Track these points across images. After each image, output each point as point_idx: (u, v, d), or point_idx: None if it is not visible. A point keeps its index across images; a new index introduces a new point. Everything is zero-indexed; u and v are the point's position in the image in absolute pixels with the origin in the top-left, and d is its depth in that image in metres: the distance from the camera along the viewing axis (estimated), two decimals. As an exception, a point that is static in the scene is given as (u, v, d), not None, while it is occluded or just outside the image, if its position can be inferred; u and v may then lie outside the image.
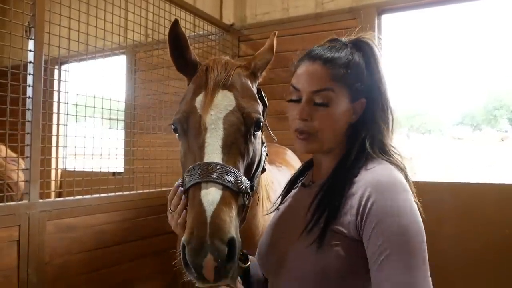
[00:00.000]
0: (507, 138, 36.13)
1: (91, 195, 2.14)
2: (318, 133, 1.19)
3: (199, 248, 0.99)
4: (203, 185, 1.10)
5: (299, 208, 1.26)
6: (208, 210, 1.05)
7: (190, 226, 1.04)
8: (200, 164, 1.14)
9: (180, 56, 1.37)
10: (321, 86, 1.18)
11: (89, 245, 2.10)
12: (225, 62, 1.38)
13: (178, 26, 1.32)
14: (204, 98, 1.27)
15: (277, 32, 1.59)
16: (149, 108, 3.04)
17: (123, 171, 3.07)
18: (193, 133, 1.23)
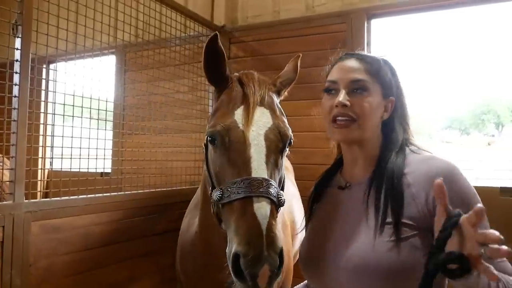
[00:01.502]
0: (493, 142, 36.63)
1: (78, 195, 2.12)
2: (358, 120, 1.29)
3: (258, 259, 1.05)
4: (255, 199, 1.15)
5: (348, 209, 1.33)
6: (263, 223, 1.11)
7: (245, 238, 1.09)
8: (248, 178, 1.18)
9: (215, 70, 1.41)
10: (357, 77, 1.32)
11: (75, 247, 2.07)
12: (257, 78, 1.44)
13: (217, 40, 1.35)
14: (245, 113, 1.30)
15: (301, 54, 1.68)
16: (138, 109, 3.02)
17: (111, 172, 3.05)
18: (234, 147, 1.26)
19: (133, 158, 2.78)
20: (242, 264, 1.06)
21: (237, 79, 1.43)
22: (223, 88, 1.43)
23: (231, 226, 1.17)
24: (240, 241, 1.09)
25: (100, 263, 2.21)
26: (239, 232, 1.11)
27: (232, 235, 1.14)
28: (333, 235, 1.33)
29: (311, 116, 3.14)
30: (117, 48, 3.25)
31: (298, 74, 1.65)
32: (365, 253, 1.19)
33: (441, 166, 1.21)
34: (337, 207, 1.39)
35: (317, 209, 1.49)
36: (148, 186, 2.74)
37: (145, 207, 2.51)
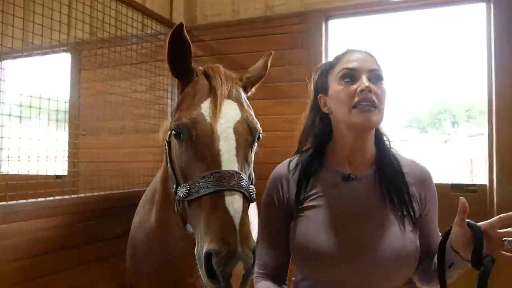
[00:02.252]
0: (449, 140, 38.28)
1: (27, 199, 2.03)
2: (378, 104, 1.36)
3: (232, 256, 1.00)
4: (226, 193, 1.10)
5: (362, 202, 1.40)
6: (235, 218, 1.06)
7: (218, 234, 1.03)
8: (218, 171, 1.13)
9: (179, 61, 1.34)
10: (375, 67, 1.41)
11: (24, 253, 1.97)
12: (224, 71, 1.39)
13: (183, 30, 1.28)
14: (212, 106, 1.25)
15: (273, 52, 1.65)
16: (94, 109, 2.94)
17: (67, 174, 2.94)
18: (202, 140, 1.21)
19: (89, 159, 2.70)
20: (215, 263, 1.00)
21: (203, 72, 1.38)
22: (187, 81, 1.37)
23: (200, 224, 1.10)
24: (212, 239, 1.02)
25: (52, 269, 2.12)
26: (210, 229, 1.05)
27: (202, 233, 1.08)
28: (356, 227, 1.36)
29: (271, 115, 3.16)
30: (71, 46, 3.14)
31: None
32: (399, 243, 1.32)
33: (425, 170, 1.50)
34: (346, 199, 1.41)
35: (316, 199, 1.44)
36: (105, 188, 2.66)
37: (101, 210, 2.43)
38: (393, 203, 1.38)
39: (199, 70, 1.39)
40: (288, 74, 3.19)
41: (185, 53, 1.32)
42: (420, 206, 1.43)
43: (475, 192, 2.85)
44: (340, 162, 1.48)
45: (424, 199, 1.44)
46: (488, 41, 2.80)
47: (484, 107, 2.90)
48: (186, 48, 1.31)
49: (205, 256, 1.03)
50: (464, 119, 42.33)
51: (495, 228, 1.18)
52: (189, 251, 1.57)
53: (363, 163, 1.46)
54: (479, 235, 1.17)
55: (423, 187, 1.45)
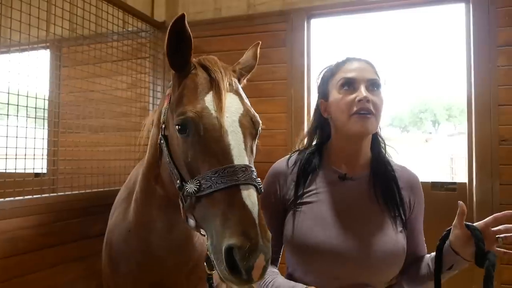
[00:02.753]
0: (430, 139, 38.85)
1: (5, 198, 1.99)
2: (376, 113, 1.45)
3: (255, 249, 1.00)
4: (242, 187, 1.09)
5: (356, 202, 1.48)
6: (253, 212, 1.06)
7: (239, 229, 1.02)
8: (232, 166, 1.12)
9: (178, 52, 1.29)
10: (373, 76, 1.48)
11: (2, 252, 1.94)
12: (221, 64, 1.36)
13: (184, 21, 1.23)
14: (216, 99, 1.23)
15: (260, 42, 1.65)
16: (74, 106, 2.90)
17: (46, 172, 2.90)
18: (210, 135, 1.18)
19: (69, 157, 2.66)
20: (239, 257, 1.00)
21: (199, 64, 1.34)
22: (185, 74, 1.33)
23: (215, 219, 1.08)
24: (233, 233, 1.02)
25: (30, 269, 2.09)
26: (229, 224, 1.04)
27: (218, 229, 1.06)
28: (351, 224, 1.43)
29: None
30: (51, 42, 3.10)
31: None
32: (391, 242, 1.40)
33: (415, 176, 1.59)
34: (342, 197, 1.49)
35: (313, 196, 1.51)
36: (85, 186, 2.63)
37: (81, 209, 2.41)
38: (386, 204, 1.47)
39: (195, 62, 1.36)
40: (270, 72, 3.20)
41: (185, 45, 1.28)
42: (409, 209, 1.52)
43: (455, 190, 2.91)
44: (337, 162, 1.57)
45: (412, 204, 1.53)
46: (468, 40, 2.86)
47: (464, 106, 2.96)
48: (187, 39, 1.27)
49: (226, 251, 1.02)
50: (445, 118, 43.09)
51: (490, 227, 1.27)
52: (171, 250, 1.57)
53: (359, 165, 1.55)
54: (479, 234, 1.26)
55: (412, 192, 1.54)
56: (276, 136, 3.17)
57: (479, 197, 2.76)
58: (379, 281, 1.44)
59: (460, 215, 1.33)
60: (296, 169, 1.58)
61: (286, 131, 3.16)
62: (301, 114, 3.14)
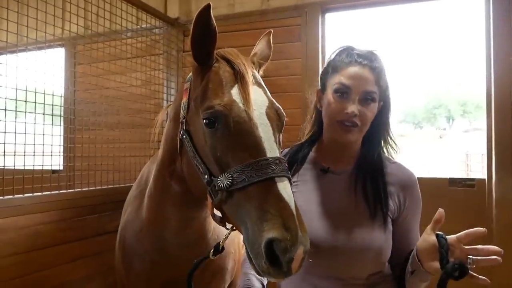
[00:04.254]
0: (445, 135, 38.40)
1: (23, 194, 2.02)
2: (360, 125, 1.44)
3: (296, 241, 1.00)
4: (277, 180, 1.09)
5: (337, 195, 1.48)
6: (291, 204, 1.06)
7: (279, 221, 1.02)
8: (266, 159, 1.12)
9: (203, 45, 1.27)
10: (370, 89, 1.45)
11: (22, 247, 1.97)
12: (242, 56, 1.35)
13: (210, 12, 1.22)
14: (242, 92, 1.22)
15: (272, 31, 1.65)
16: (89, 103, 2.92)
17: (63, 169, 2.93)
18: (241, 128, 1.17)
19: (85, 154, 2.68)
20: (280, 250, 0.99)
21: (221, 56, 1.33)
22: (207, 67, 1.31)
23: (250, 213, 1.07)
24: (273, 226, 1.00)
25: (49, 264, 2.12)
26: (267, 217, 1.03)
27: (255, 222, 1.05)
28: (328, 217, 1.44)
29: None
30: (66, 40, 3.12)
31: None
32: (367, 235, 1.38)
33: (409, 174, 1.53)
34: (323, 190, 1.50)
35: (295, 187, 1.52)
36: (101, 182, 2.65)
37: (98, 205, 2.43)
38: (366, 198, 1.45)
39: (216, 55, 1.33)
40: (284, 68, 3.18)
41: (210, 36, 1.26)
42: (399, 207, 1.48)
43: (473, 186, 2.85)
44: (324, 156, 1.58)
45: (404, 202, 1.48)
46: (487, 33, 2.79)
47: (479, 101, 2.91)
48: (212, 31, 1.25)
49: (267, 244, 1.00)
50: (459, 113, 42.49)
51: (461, 242, 1.18)
52: (184, 248, 1.57)
53: (345, 160, 1.55)
54: (444, 242, 1.19)
55: (404, 191, 1.49)
56: (290, 131, 3.10)
57: (499, 194, 2.70)
58: (355, 276, 1.42)
59: (436, 222, 1.25)
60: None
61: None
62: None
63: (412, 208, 1.49)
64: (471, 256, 1.14)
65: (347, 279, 1.41)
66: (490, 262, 1.12)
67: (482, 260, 1.13)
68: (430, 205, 1.55)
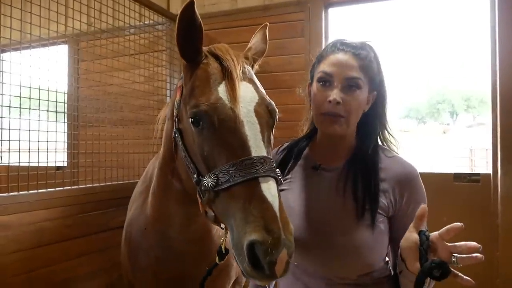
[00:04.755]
0: (448, 131, 38.25)
1: (28, 191, 2.03)
2: (346, 115, 1.37)
3: (277, 244, 0.97)
4: (261, 180, 1.06)
5: (325, 192, 1.42)
6: (274, 205, 1.03)
7: (261, 223, 0.99)
8: (250, 158, 1.09)
9: (189, 41, 1.25)
10: (353, 75, 1.37)
11: (26, 244, 1.98)
12: (233, 51, 1.32)
13: (194, 7, 1.20)
14: (229, 89, 1.19)
15: (268, 24, 1.63)
16: (93, 100, 2.92)
17: (67, 166, 2.94)
18: (226, 127, 1.14)
19: (89, 151, 2.69)
20: (261, 253, 0.97)
21: (210, 53, 1.31)
22: (196, 63, 1.29)
23: (234, 214, 1.05)
24: (255, 228, 0.98)
25: (54, 260, 2.13)
26: (249, 219, 1.01)
27: (239, 224, 1.03)
28: (315, 215, 1.39)
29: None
30: (69, 37, 3.12)
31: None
32: (353, 235, 1.32)
33: (408, 168, 1.42)
34: (313, 188, 1.45)
35: (287, 184, 1.50)
36: (105, 179, 2.66)
37: (102, 201, 2.44)
38: (355, 196, 1.37)
39: (205, 51, 1.32)
40: (287, 63, 3.17)
41: (196, 32, 1.24)
42: (394, 204, 1.38)
43: (478, 182, 2.84)
44: (317, 152, 1.53)
45: (400, 198, 1.38)
46: (492, 28, 2.77)
47: (483, 96, 2.89)
48: (197, 27, 1.23)
49: (248, 247, 0.99)
50: (463, 108, 42.27)
51: (443, 239, 1.09)
52: (190, 244, 1.57)
53: (338, 156, 1.49)
54: (424, 239, 1.11)
55: (400, 186, 1.39)
56: (294, 127, 3.13)
57: (504, 189, 2.69)
58: (344, 276, 1.36)
59: (419, 218, 1.15)
60: (281, 157, 1.59)
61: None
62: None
63: (412, 203, 1.37)
64: (455, 255, 1.06)
65: (336, 279, 1.36)
66: (472, 260, 1.03)
67: (466, 258, 1.04)
68: (435, 200, 1.54)
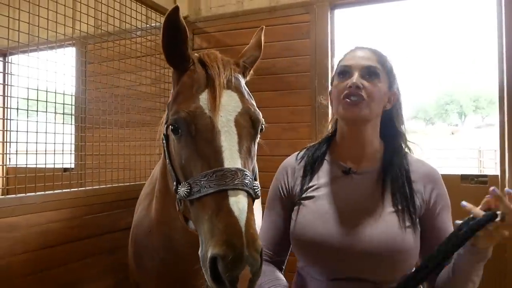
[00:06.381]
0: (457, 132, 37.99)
1: (36, 192, 2.04)
2: (367, 99, 1.39)
3: (239, 260, 0.94)
4: (230, 193, 1.04)
5: (361, 196, 1.42)
6: (241, 219, 1.00)
7: (223, 238, 0.97)
8: (221, 169, 1.07)
9: (175, 47, 1.25)
10: (370, 64, 1.43)
11: (34, 245, 2.00)
12: (221, 58, 1.31)
13: (178, 13, 1.21)
14: (210, 97, 1.17)
15: (264, 27, 1.62)
16: (100, 102, 2.94)
17: (74, 167, 2.96)
18: (202, 136, 1.14)
19: (96, 152, 2.71)
20: (221, 268, 0.95)
21: (198, 60, 1.30)
22: (183, 70, 1.28)
23: (203, 226, 1.05)
24: (217, 243, 0.97)
25: (61, 261, 2.15)
26: (214, 232, 0.99)
27: (206, 236, 1.02)
28: (353, 219, 1.38)
29: (277, 107, 3.15)
30: (77, 40, 3.14)
31: (263, 65, 1.60)
32: (397, 237, 1.33)
33: (433, 171, 1.49)
34: (346, 192, 1.45)
35: (316, 190, 1.49)
36: (111, 181, 2.67)
37: (108, 203, 2.46)
38: (394, 198, 1.40)
39: (195, 58, 1.31)
40: (293, 65, 3.17)
41: (181, 39, 1.24)
42: (425, 204, 1.43)
43: (486, 183, 2.81)
44: (343, 156, 1.53)
45: (429, 199, 1.43)
46: (499, 28, 2.75)
47: (492, 97, 2.87)
48: (182, 33, 1.23)
49: (210, 261, 0.98)
50: (472, 109, 41.90)
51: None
52: (194, 246, 1.57)
53: (366, 158, 1.50)
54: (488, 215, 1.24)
55: (429, 187, 1.44)
56: (299, 129, 3.15)
57: (512, 191, 2.66)
58: (385, 279, 1.35)
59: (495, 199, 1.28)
60: (303, 163, 1.58)
61: (310, 124, 3.12)
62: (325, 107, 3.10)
63: (441, 204, 1.44)
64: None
65: (378, 283, 1.35)
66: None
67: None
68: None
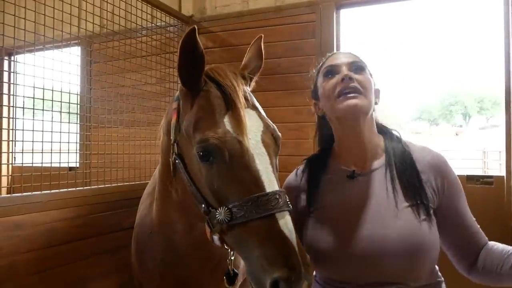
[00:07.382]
0: (461, 133, 37.87)
1: (41, 191, 2.04)
2: (363, 91, 1.37)
3: (299, 279, 1.00)
4: (278, 216, 1.07)
5: (369, 197, 1.38)
6: (292, 240, 1.04)
7: (282, 261, 1.01)
8: (266, 194, 1.09)
9: (191, 71, 1.22)
10: (355, 59, 1.45)
11: (39, 244, 2.00)
12: (231, 74, 1.29)
13: (195, 36, 1.16)
14: (235, 120, 1.16)
15: (263, 35, 1.59)
16: (105, 101, 2.94)
17: (79, 166, 2.96)
18: (237, 161, 1.13)
19: (101, 151, 2.71)
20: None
21: (209, 77, 1.27)
22: (196, 91, 1.25)
23: (253, 249, 1.06)
24: (277, 266, 1.00)
25: (65, 260, 2.14)
26: (269, 255, 1.02)
27: (259, 259, 1.03)
28: (368, 222, 1.34)
29: (282, 107, 3.14)
30: (82, 39, 3.15)
31: (268, 65, 1.58)
32: (412, 232, 1.29)
33: (438, 157, 1.44)
34: (355, 197, 1.41)
35: (321, 200, 1.47)
36: (116, 180, 2.67)
37: (113, 202, 2.45)
38: (405, 193, 1.36)
39: (204, 76, 1.28)
40: (299, 65, 3.16)
41: (199, 62, 1.22)
42: (437, 193, 1.39)
43: (492, 184, 2.80)
44: (346, 160, 1.50)
45: (442, 186, 1.39)
46: (506, 28, 2.73)
47: (497, 98, 2.85)
48: (199, 57, 1.20)
49: (272, 284, 1.00)
50: (476, 110, 41.75)
51: None
52: (194, 248, 1.55)
53: (369, 156, 1.47)
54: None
55: (438, 174, 1.40)
56: (304, 129, 3.14)
57: (518, 192, 2.64)
58: (408, 278, 1.31)
59: None
60: (306, 177, 1.56)
61: (315, 124, 3.10)
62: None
63: (453, 190, 1.41)
64: None
65: (404, 282, 1.31)
66: None
67: None
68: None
